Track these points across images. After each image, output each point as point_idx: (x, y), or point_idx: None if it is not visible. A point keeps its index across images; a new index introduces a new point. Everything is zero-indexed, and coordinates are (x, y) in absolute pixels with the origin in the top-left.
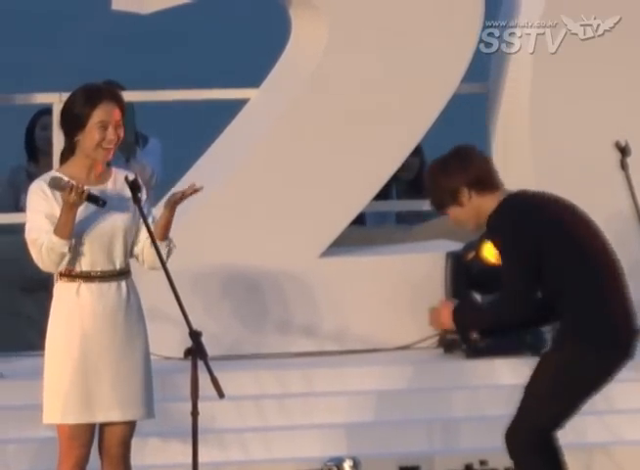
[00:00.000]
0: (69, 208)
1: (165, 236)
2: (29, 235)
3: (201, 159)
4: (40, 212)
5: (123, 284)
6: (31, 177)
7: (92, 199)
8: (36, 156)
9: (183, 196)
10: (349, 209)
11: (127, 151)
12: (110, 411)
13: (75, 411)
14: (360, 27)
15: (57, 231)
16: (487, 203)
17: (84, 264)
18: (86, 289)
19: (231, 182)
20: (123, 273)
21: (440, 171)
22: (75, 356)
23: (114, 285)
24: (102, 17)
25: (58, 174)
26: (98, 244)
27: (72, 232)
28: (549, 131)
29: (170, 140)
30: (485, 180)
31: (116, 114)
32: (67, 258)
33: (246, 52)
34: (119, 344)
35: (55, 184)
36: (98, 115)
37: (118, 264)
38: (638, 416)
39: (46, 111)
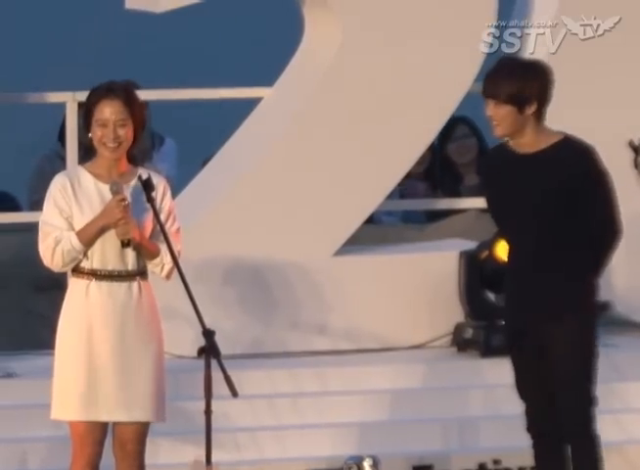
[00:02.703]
0: (107, 218)
1: (152, 255)
2: (43, 228)
3: (214, 157)
4: (56, 208)
5: (135, 285)
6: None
7: (125, 244)
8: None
9: None
10: (363, 207)
11: (142, 155)
12: (115, 411)
13: (79, 409)
14: (373, 27)
15: (81, 236)
16: (532, 129)
17: (95, 263)
18: (96, 287)
19: (244, 181)
20: (137, 274)
21: (531, 72)
22: (82, 354)
23: (124, 285)
24: (115, 16)
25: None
26: (110, 243)
27: (94, 243)
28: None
29: (183, 138)
30: (545, 112)
31: (118, 112)
32: (75, 263)
33: (259, 51)
34: (128, 344)
35: (116, 189)
36: (97, 112)
37: (131, 265)
38: None
39: None
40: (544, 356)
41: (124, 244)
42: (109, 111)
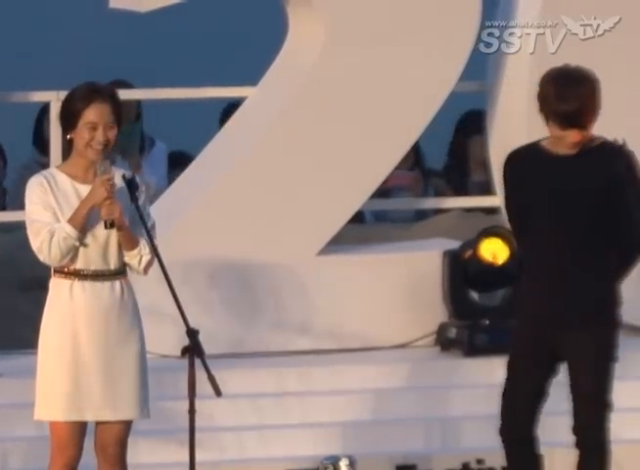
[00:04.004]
0: (93, 199)
1: (132, 244)
2: (32, 226)
3: (198, 156)
4: (40, 205)
5: (118, 284)
6: (45, 168)
7: (108, 224)
8: (45, 148)
9: None
10: (347, 207)
11: (130, 161)
12: (100, 410)
13: (64, 409)
14: (357, 25)
15: (72, 222)
16: None
17: (79, 263)
18: (79, 287)
19: (228, 180)
20: (119, 273)
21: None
22: (66, 354)
23: (107, 284)
24: (99, 15)
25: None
26: (93, 243)
27: (85, 227)
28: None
29: (168, 138)
30: None
31: (108, 115)
32: (72, 254)
33: (243, 50)
34: (112, 343)
35: (104, 169)
36: (88, 115)
37: (113, 264)
38: (637, 415)
39: None
40: (552, 361)
41: (108, 225)
42: (100, 113)
